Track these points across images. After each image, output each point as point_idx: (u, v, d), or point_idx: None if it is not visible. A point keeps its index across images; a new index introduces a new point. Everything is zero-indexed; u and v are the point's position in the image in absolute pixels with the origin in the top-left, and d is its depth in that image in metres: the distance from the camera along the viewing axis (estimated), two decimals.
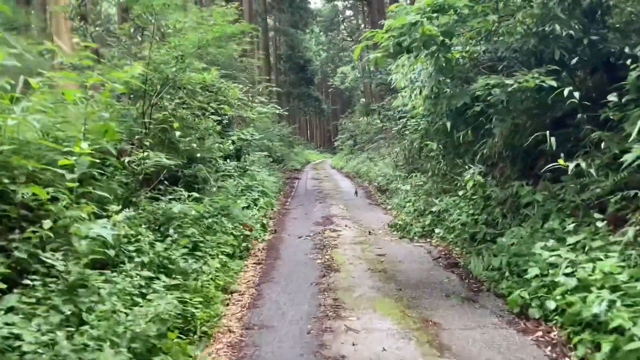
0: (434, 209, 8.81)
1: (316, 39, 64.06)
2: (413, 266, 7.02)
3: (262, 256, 7.82)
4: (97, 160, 4.82)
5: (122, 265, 4.36)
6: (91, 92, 8.94)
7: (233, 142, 10.34)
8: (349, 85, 71.36)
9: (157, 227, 5.27)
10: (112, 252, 4.26)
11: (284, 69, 55.87)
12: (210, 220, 6.61)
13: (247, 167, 12.01)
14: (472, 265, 6.40)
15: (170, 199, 6.43)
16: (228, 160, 11.30)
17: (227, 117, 9.41)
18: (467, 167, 8.07)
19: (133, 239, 4.62)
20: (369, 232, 9.50)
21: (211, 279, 5.24)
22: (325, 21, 53.30)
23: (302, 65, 54.43)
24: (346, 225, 10.34)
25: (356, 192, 13.75)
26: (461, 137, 8.15)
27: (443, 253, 7.71)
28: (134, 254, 4.45)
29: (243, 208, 9.61)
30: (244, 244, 7.48)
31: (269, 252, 8.07)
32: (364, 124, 13.88)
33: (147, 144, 6.39)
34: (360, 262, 7.25)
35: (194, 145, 8.66)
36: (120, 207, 4.90)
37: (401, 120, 11.54)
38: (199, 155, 8.52)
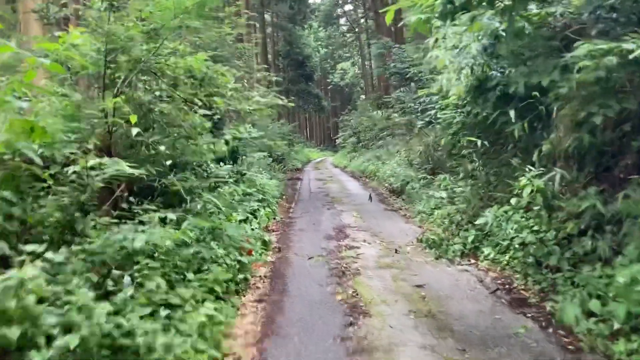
0: (478, 222, 7.04)
1: (315, 34, 62.24)
2: (467, 305, 5.24)
3: (265, 289, 6.04)
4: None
5: (35, 351, 2.60)
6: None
7: (227, 142, 8.63)
8: (349, 81, 69.74)
9: (104, 275, 3.51)
10: (14, 333, 2.50)
11: (283, 65, 54.09)
12: (193, 250, 4.84)
13: (244, 171, 10.24)
14: (559, 309, 4.63)
15: (138, 222, 4.67)
16: (222, 163, 9.53)
17: (219, 111, 7.69)
18: (524, 168, 6.31)
19: (60, 302, 2.88)
20: (396, 250, 7.72)
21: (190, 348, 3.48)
22: (325, 14, 51.38)
23: (301, 62, 52.70)
24: (365, 240, 8.58)
25: (370, 198, 11.95)
26: (515, 132, 6.39)
27: (500, 282, 5.94)
28: (56, 329, 2.70)
29: (240, 222, 7.83)
30: (240, 276, 5.71)
31: (273, 283, 6.29)
32: (378, 118, 11.88)
33: (103, 147, 4.61)
34: (395, 299, 5.47)
35: (178, 147, 6.90)
36: (45, 246, 3.15)
37: (428, 113, 9.76)
38: (183, 159, 6.75)
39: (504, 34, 5.03)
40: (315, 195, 16.09)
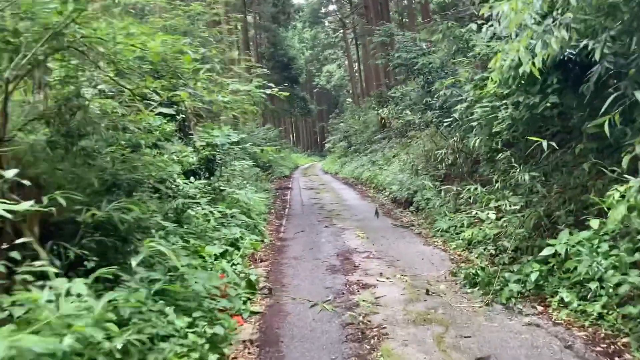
0: (543, 253, 5.12)
1: (299, 35, 60.42)
2: None
3: None
4: None
5: None
6: None
7: (196, 150, 6.63)
8: (336, 83, 67.97)
9: None
10: None
11: (267, 67, 52.12)
12: (128, 337, 2.83)
13: (222, 186, 8.22)
14: None
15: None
16: (194, 178, 7.50)
17: (184, 108, 5.75)
18: (612, 177, 4.45)
19: None
20: (427, 290, 5.76)
21: None
22: (310, 12, 49.65)
23: (286, 64, 50.93)
24: (381, 274, 6.61)
25: (377, 213, 9.98)
26: (606, 127, 4.52)
27: (599, 349, 4.02)
28: None
29: (216, 258, 5.82)
30: (212, 358, 3.69)
31: (262, 356, 4.28)
32: (374, 120, 9.78)
33: None
34: None
35: (125, 160, 4.90)
36: None
37: (455, 109, 7.84)
38: (131, 177, 4.73)
39: None
40: (308, 207, 14.11)
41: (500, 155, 6.62)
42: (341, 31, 56.17)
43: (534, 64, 4.52)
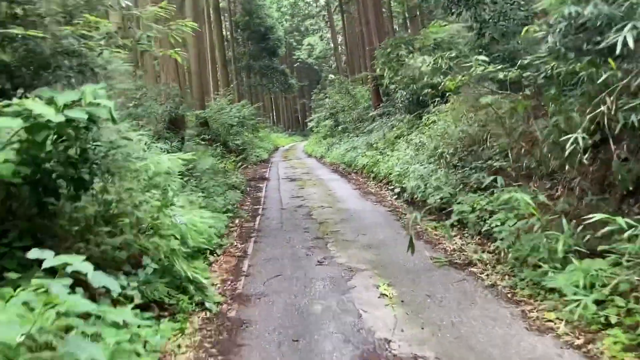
0: None
1: (278, 2, 55.05)
2: None
3: None
4: None
5: None
6: None
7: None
8: (319, 56, 62.88)
9: None
10: None
11: (242, 38, 47.00)
12: None
13: (115, 207, 3.79)
14: None
15: None
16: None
17: None
18: None
19: None
20: None
21: None
22: None
23: (263, 33, 45.98)
24: None
25: (411, 247, 5.47)
26: None
27: None
28: None
29: None
30: None
31: None
32: (429, 65, 5.76)
33: None
34: None
35: None
36: None
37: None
38: None
39: None
40: (289, 213, 9.75)
41: None
42: None
43: None
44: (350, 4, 41.31)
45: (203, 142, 16.18)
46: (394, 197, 10.94)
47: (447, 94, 11.42)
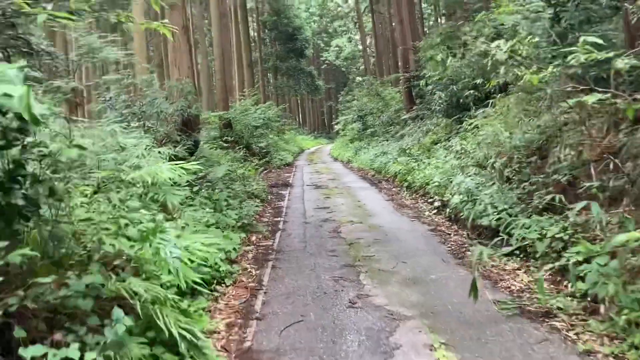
0: None
1: (307, 3, 53.98)
2: None
3: None
4: None
5: None
6: None
7: None
8: (347, 57, 61.52)
9: None
10: None
11: (269, 38, 46.06)
12: None
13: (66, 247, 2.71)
14: None
15: None
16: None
17: None
18: None
19: None
20: None
21: None
22: None
23: (291, 34, 44.90)
24: None
25: (474, 292, 4.11)
26: None
27: None
28: None
29: None
30: None
31: None
32: (506, 49, 4.56)
33: None
34: None
35: None
36: None
37: None
38: None
39: None
40: (314, 230, 8.50)
41: None
42: None
43: None
44: (380, 4, 39.94)
45: (225, 145, 15.10)
46: (433, 211, 9.61)
47: (498, 95, 10.00)
